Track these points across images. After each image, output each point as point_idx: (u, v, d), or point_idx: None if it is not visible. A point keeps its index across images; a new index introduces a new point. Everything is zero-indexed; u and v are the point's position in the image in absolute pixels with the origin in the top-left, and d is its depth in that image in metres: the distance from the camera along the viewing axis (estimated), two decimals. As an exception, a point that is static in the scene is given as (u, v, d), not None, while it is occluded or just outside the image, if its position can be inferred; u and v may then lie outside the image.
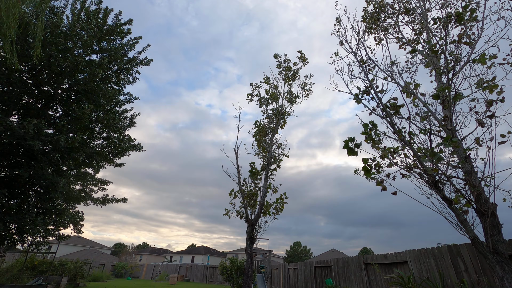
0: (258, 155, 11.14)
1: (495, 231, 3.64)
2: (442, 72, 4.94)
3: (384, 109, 4.67)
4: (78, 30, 8.51)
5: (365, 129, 4.27)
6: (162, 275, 29.74)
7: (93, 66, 8.46)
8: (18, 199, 7.80)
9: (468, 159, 4.10)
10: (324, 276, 12.11)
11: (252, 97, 12.06)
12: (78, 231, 9.99)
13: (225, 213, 10.12)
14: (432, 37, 5.52)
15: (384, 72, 5.27)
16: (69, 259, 18.60)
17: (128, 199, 12.31)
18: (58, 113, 9.37)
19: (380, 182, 4.20)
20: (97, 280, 20.84)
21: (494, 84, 3.94)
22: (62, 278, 13.50)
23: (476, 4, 4.77)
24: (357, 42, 5.99)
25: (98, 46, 9.46)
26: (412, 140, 4.32)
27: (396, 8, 6.45)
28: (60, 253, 33.08)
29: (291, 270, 15.34)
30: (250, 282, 8.76)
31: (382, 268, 8.82)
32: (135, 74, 10.60)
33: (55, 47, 7.87)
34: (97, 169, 11.76)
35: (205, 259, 44.96)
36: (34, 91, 8.64)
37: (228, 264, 15.77)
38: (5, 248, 8.20)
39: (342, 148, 4.03)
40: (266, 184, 9.99)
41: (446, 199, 3.93)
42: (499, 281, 3.43)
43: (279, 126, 11.45)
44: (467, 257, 6.19)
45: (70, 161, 8.67)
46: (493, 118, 3.95)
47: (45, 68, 8.18)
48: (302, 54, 11.96)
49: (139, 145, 11.08)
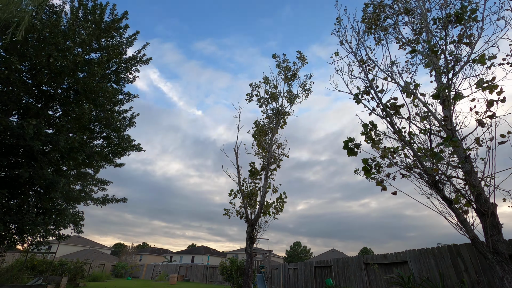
0: (258, 155, 11.14)
1: (495, 231, 3.64)
2: (442, 72, 4.94)
3: (384, 109, 4.67)
4: (77, 28, 8.49)
5: (365, 129, 4.27)
6: (162, 275, 29.74)
7: (92, 65, 8.46)
8: (18, 199, 7.81)
9: (468, 159, 4.10)
10: (324, 276, 12.11)
11: (252, 97, 12.06)
12: (78, 231, 9.99)
13: (225, 213, 10.13)
14: (432, 37, 5.52)
15: (384, 72, 5.27)
16: (69, 259, 18.61)
17: (128, 199, 12.28)
18: (58, 113, 9.37)
19: (380, 182, 4.20)
20: (97, 280, 20.84)
21: (494, 84, 3.94)
22: (62, 278, 13.49)
23: (476, 4, 4.77)
24: (357, 42, 6.00)
25: (97, 44, 9.43)
26: (412, 140, 4.32)
27: (395, 8, 6.45)
28: (60, 253, 33.09)
29: (291, 270, 15.34)
30: (250, 282, 8.76)
31: (382, 268, 8.82)
32: (134, 72, 10.59)
33: (55, 47, 7.86)
34: (97, 169, 11.76)
35: (205, 259, 44.98)
36: (34, 91, 8.64)
37: (228, 264, 15.79)
38: (5, 248, 8.20)
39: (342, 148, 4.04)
40: (266, 184, 10.00)
41: (446, 199, 3.94)
42: (499, 281, 3.43)
43: (279, 126, 11.45)
44: (467, 257, 6.18)
45: (70, 161, 8.67)
46: (493, 118, 3.95)
47: (45, 67, 8.18)
48: (301, 54, 11.97)
49: (139, 145, 11.09)
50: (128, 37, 10.14)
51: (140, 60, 10.43)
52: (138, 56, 10.40)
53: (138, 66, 10.54)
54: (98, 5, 9.22)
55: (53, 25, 7.94)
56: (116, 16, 9.58)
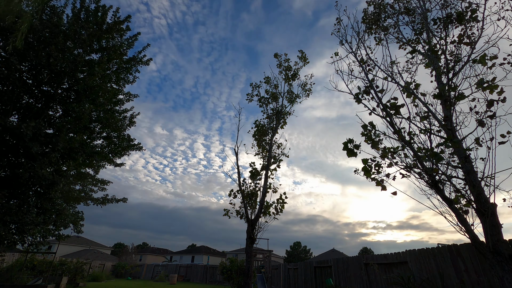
0: (258, 155, 11.15)
1: (495, 231, 3.64)
2: (442, 72, 4.94)
3: (384, 109, 4.67)
4: (77, 29, 8.50)
5: (365, 130, 4.28)
6: (162, 275, 29.73)
7: (92, 66, 8.46)
8: (18, 199, 7.80)
9: (468, 159, 4.10)
10: (324, 276, 12.10)
11: (252, 97, 12.06)
12: (78, 231, 9.98)
13: (225, 213, 10.13)
14: (432, 37, 5.51)
15: (384, 72, 5.27)
16: (69, 259, 18.60)
17: (128, 199, 12.27)
18: (58, 113, 9.37)
19: (380, 182, 4.20)
20: (97, 280, 20.83)
21: (495, 84, 3.94)
22: (62, 278, 13.50)
23: (476, 4, 4.76)
24: (357, 42, 6.00)
25: (98, 45, 9.45)
26: (412, 140, 4.32)
27: (396, 8, 6.45)
28: (60, 253, 33.09)
29: (291, 270, 15.33)
30: (250, 282, 8.75)
31: (382, 268, 8.82)
32: (135, 73, 10.61)
33: (55, 47, 7.86)
34: (97, 169, 11.75)
35: (205, 259, 44.98)
36: (34, 91, 8.64)
37: (228, 264, 15.78)
38: (5, 248, 8.19)
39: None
40: (266, 184, 9.99)
41: (446, 199, 3.93)
42: (499, 281, 3.43)
43: (279, 126, 11.46)
44: (467, 257, 6.18)
45: (70, 161, 8.67)
46: (494, 118, 3.94)
47: (45, 68, 8.18)
48: (303, 54, 11.96)
49: (139, 144, 11.08)
50: (129, 37, 10.15)
51: (140, 61, 10.45)
52: (139, 57, 10.41)
53: (138, 66, 10.56)
54: (101, 7, 9.25)
55: (54, 25, 7.94)
56: (118, 19, 9.63)
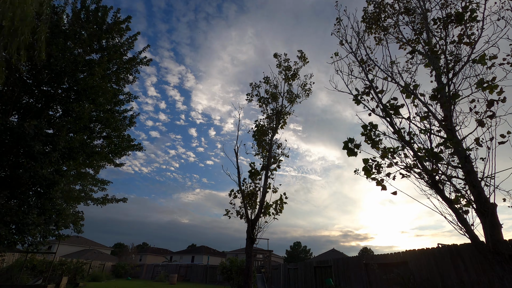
0: (258, 155, 11.15)
1: (495, 231, 3.64)
2: (442, 72, 4.94)
3: (384, 109, 4.67)
4: (78, 29, 8.51)
5: (365, 130, 4.28)
6: (162, 275, 29.73)
7: (92, 66, 8.47)
8: (18, 199, 7.80)
9: (468, 159, 4.10)
10: (324, 276, 12.10)
11: (252, 97, 12.06)
12: (78, 231, 9.98)
13: (225, 213, 10.13)
14: (432, 37, 5.51)
15: (384, 72, 5.27)
16: (69, 259, 18.60)
17: (127, 199, 12.28)
18: (58, 113, 9.37)
19: (380, 182, 4.20)
20: (97, 280, 20.83)
21: (494, 84, 3.94)
22: (62, 278, 13.50)
23: (476, 4, 4.76)
24: (357, 42, 5.99)
25: (98, 45, 9.46)
26: (412, 140, 4.32)
27: (396, 8, 6.45)
28: (60, 253, 33.08)
29: (291, 270, 15.33)
30: (250, 282, 8.75)
31: (382, 268, 8.82)
32: (134, 73, 10.62)
33: (55, 47, 7.87)
34: (97, 169, 11.76)
35: (205, 259, 44.97)
36: (34, 91, 8.64)
37: (228, 264, 15.78)
38: (5, 248, 8.19)
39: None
40: (266, 184, 9.99)
41: (446, 199, 3.93)
42: (499, 281, 3.43)
43: (279, 126, 11.46)
44: (467, 257, 6.18)
45: (70, 161, 8.67)
46: (494, 118, 3.94)
47: (45, 68, 8.18)
48: (302, 54, 11.96)
49: (139, 144, 11.09)
50: (129, 37, 10.17)
51: (140, 61, 10.46)
52: (139, 57, 10.43)
53: (138, 67, 10.57)
54: (101, 7, 9.27)
55: (54, 25, 7.94)
56: (119, 19, 9.65)
